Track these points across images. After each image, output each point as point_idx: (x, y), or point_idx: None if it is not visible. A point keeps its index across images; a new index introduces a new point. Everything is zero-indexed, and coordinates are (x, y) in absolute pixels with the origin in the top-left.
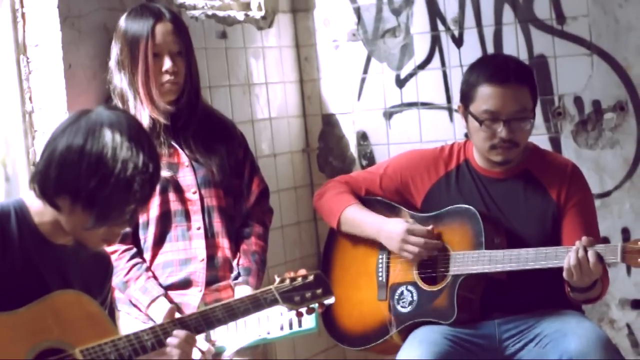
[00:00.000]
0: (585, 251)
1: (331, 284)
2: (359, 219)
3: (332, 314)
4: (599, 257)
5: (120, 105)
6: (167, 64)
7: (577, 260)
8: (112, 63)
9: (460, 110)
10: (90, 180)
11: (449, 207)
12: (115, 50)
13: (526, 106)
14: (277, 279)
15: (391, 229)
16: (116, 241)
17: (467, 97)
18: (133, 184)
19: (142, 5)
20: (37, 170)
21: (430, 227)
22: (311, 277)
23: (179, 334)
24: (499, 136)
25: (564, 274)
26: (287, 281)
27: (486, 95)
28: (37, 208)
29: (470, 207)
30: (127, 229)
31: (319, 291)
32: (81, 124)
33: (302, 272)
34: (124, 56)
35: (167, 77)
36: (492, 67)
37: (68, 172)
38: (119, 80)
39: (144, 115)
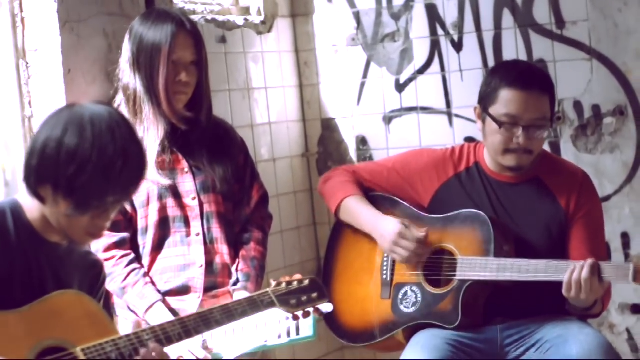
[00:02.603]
0: (591, 273)
1: (335, 280)
2: (358, 211)
3: (335, 310)
4: (599, 278)
5: (129, 104)
6: (183, 76)
7: (579, 280)
8: (125, 62)
9: (476, 112)
10: (69, 168)
11: (459, 211)
12: (129, 50)
13: (546, 114)
14: (274, 283)
15: (385, 228)
16: (101, 235)
17: (487, 98)
18: (111, 172)
19: (160, 10)
20: (24, 163)
21: (424, 232)
22: (306, 282)
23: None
24: (516, 141)
25: (563, 290)
26: (284, 284)
27: (508, 99)
28: (29, 205)
29: (482, 213)
30: (125, 235)
31: (314, 295)
32: (62, 116)
33: (298, 276)
34: (142, 60)
35: (180, 88)
36: (517, 72)
37: (47, 160)
38: (133, 81)
39: (160, 121)
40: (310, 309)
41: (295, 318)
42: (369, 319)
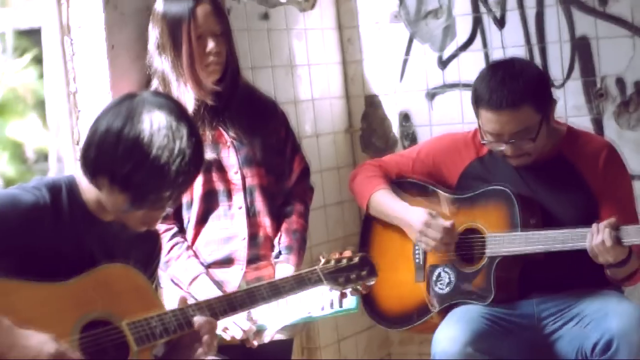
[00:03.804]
0: (609, 232)
1: None
2: (385, 204)
3: (372, 296)
4: (617, 240)
5: (162, 88)
6: (211, 45)
7: (593, 241)
8: (152, 46)
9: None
10: (125, 165)
11: (484, 189)
12: (154, 33)
13: (529, 124)
14: (323, 260)
15: (411, 218)
16: (156, 225)
17: (475, 107)
18: (167, 170)
19: None
20: (81, 149)
21: (450, 222)
22: (356, 259)
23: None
24: (505, 152)
25: (590, 255)
26: (332, 262)
27: (486, 119)
28: (86, 185)
29: (505, 188)
30: (168, 209)
31: (363, 273)
32: (123, 107)
33: (348, 253)
34: (165, 39)
35: (211, 58)
36: (489, 91)
37: (105, 154)
38: (160, 63)
39: (188, 97)
40: (359, 287)
41: (343, 296)
42: (406, 303)
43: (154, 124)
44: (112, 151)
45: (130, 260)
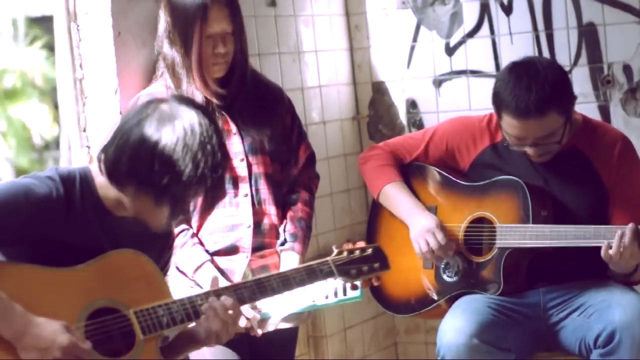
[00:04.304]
0: (632, 239)
1: None
2: (397, 200)
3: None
4: None
5: (169, 74)
6: (221, 47)
7: (619, 246)
8: (162, 32)
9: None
10: (162, 178)
11: (496, 178)
12: (164, 20)
13: (554, 129)
14: (335, 251)
15: (420, 222)
16: (177, 227)
17: (496, 107)
18: (204, 182)
19: None
20: (106, 154)
21: (452, 244)
22: (369, 251)
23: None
24: (527, 153)
25: (602, 255)
26: (345, 253)
27: (510, 124)
28: (102, 181)
29: (518, 179)
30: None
31: (376, 265)
32: (154, 117)
33: (361, 244)
34: (176, 33)
35: (218, 59)
36: (514, 99)
37: (140, 166)
38: (170, 52)
39: (196, 93)
40: (372, 279)
41: (354, 287)
42: (413, 289)
43: (189, 136)
44: (148, 164)
45: (143, 252)
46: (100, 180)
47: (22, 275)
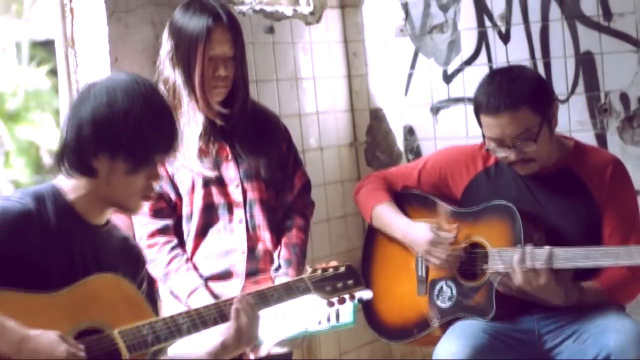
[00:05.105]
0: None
1: (372, 279)
2: (388, 218)
3: (373, 308)
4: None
5: (169, 97)
6: (222, 70)
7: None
8: (165, 55)
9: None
10: (127, 126)
11: (487, 203)
12: (168, 43)
13: (529, 126)
14: (309, 270)
15: (416, 235)
16: (152, 197)
17: (476, 117)
18: (160, 124)
19: (199, 2)
20: (65, 145)
21: (453, 232)
22: (342, 269)
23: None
24: (509, 159)
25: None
26: (319, 272)
27: (486, 125)
28: (70, 186)
29: (509, 203)
30: (168, 221)
31: (350, 282)
32: (97, 87)
33: (334, 263)
34: (180, 54)
35: (219, 82)
36: (486, 96)
37: (102, 126)
38: (172, 75)
39: (198, 114)
40: (346, 296)
41: (331, 304)
42: (407, 315)
43: (139, 86)
44: (109, 120)
45: (114, 268)
46: (68, 187)
47: (6, 302)
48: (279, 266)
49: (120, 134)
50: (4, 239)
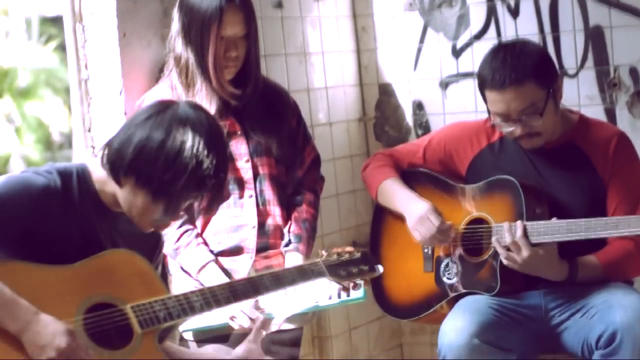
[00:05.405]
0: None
1: (380, 254)
2: (392, 193)
3: (381, 286)
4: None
5: (181, 75)
6: (232, 50)
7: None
8: (176, 32)
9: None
10: (165, 174)
11: (490, 179)
12: (180, 20)
13: (534, 100)
14: (325, 253)
15: (414, 209)
16: (163, 230)
17: (481, 92)
18: (202, 184)
19: None
20: (110, 146)
21: (443, 224)
22: (358, 254)
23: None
24: (515, 133)
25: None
26: (335, 256)
27: (491, 100)
28: (100, 176)
29: (511, 178)
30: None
31: (365, 267)
32: (165, 117)
33: (349, 248)
34: (193, 34)
35: (230, 62)
36: (491, 71)
37: (143, 159)
38: (185, 54)
39: (211, 93)
40: (360, 281)
41: (345, 289)
42: (415, 293)
43: (196, 137)
44: (152, 159)
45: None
46: (98, 175)
47: (19, 274)
48: (289, 241)
49: (154, 175)
50: (25, 214)
